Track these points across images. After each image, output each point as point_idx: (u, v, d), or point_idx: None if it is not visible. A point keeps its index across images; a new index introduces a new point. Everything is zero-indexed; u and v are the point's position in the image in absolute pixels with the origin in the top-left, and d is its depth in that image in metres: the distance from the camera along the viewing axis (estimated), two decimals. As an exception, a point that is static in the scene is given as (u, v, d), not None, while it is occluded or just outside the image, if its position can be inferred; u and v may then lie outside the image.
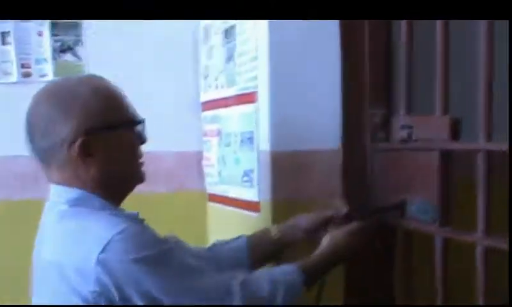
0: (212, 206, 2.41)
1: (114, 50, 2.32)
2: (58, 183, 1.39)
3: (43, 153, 1.38)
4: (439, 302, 1.62)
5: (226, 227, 2.30)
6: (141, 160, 1.48)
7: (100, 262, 1.24)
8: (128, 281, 1.26)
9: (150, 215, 2.34)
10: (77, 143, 1.33)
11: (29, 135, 1.39)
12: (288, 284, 1.44)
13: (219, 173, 2.28)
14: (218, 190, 2.31)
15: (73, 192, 1.37)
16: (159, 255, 1.31)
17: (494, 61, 1.44)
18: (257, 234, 1.75)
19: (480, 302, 1.49)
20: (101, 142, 1.36)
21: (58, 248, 1.33)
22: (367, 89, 1.87)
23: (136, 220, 1.40)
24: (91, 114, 1.35)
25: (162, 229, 2.39)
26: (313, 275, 1.52)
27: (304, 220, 1.71)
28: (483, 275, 1.49)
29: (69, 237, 1.32)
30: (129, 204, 1.51)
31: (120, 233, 1.27)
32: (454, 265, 1.64)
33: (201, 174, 2.47)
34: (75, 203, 1.36)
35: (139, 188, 1.52)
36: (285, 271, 1.48)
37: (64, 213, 1.35)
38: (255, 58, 1.92)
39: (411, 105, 1.73)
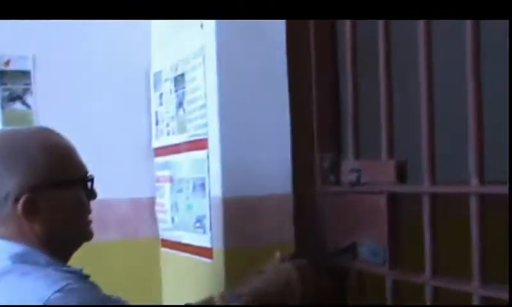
0: (166, 252, 2.40)
1: (64, 98, 2.31)
2: (1, 237, 1.36)
3: None
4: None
5: (179, 273, 2.29)
6: (89, 217, 1.47)
7: None
8: None
9: (103, 262, 2.36)
10: (22, 200, 1.32)
11: None
12: None
13: (172, 219, 2.27)
14: (171, 236, 2.31)
15: (17, 248, 1.34)
16: None
17: (434, 104, 1.49)
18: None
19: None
20: (46, 200, 1.35)
21: None
22: (316, 134, 1.90)
23: (80, 276, 1.37)
24: (37, 170, 1.34)
25: (116, 276, 2.40)
26: None
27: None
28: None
29: (8, 295, 1.28)
30: (83, 252, 1.50)
31: (59, 290, 1.23)
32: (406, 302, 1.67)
33: (154, 220, 2.46)
34: (18, 259, 1.33)
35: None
36: None
37: (5, 270, 1.31)
38: (204, 106, 1.94)
39: (360, 148, 1.77)
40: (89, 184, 1.45)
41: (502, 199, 1.30)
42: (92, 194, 1.47)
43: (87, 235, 1.47)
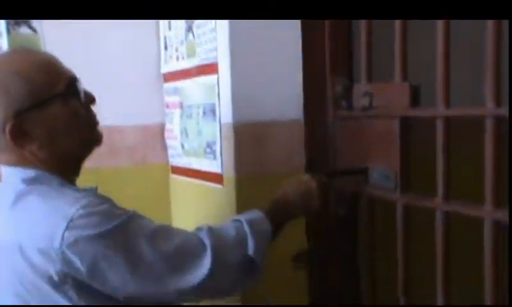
0: (175, 178, 2.40)
1: (71, 23, 2.27)
2: (9, 164, 1.35)
3: None
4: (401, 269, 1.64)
5: (189, 199, 2.30)
6: (92, 122, 1.43)
7: (65, 240, 1.21)
8: (98, 257, 1.23)
9: (113, 189, 2.32)
10: (7, 129, 1.29)
11: None
12: (254, 226, 1.44)
13: (182, 145, 2.26)
14: (181, 162, 2.30)
15: (28, 172, 1.33)
16: (125, 223, 1.28)
17: (451, 29, 1.45)
18: None
19: (440, 268, 1.52)
20: (33, 123, 1.31)
21: (17, 229, 1.29)
22: (329, 58, 1.87)
23: (96, 194, 1.36)
24: (15, 97, 1.29)
25: (125, 203, 2.39)
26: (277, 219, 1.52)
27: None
28: (442, 240, 1.52)
29: (29, 216, 1.28)
30: (93, 178, 1.50)
31: (83, 207, 1.24)
32: (416, 230, 1.67)
33: (164, 147, 2.45)
34: (32, 183, 1.32)
35: (102, 162, 1.48)
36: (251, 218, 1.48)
37: (22, 192, 1.31)
38: (214, 29, 1.90)
39: (373, 73, 1.74)
40: (80, 89, 1.39)
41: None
42: (86, 99, 1.40)
43: (93, 141, 1.43)
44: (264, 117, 1.89)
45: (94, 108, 1.45)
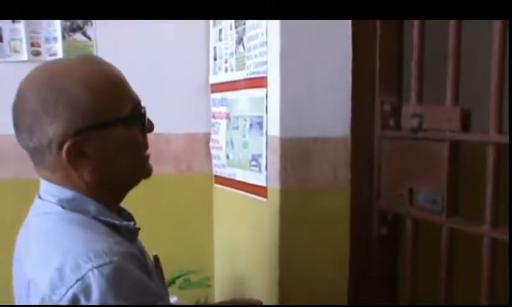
0: (219, 188, 2.41)
1: (123, 31, 2.31)
2: (50, 180, 1.22)
3: (31, 153, 1.21)
4: (443, 295, 1.62)
5: (232, 209, 2.31)
6: (146, 153, 1.29)
7: (66, 296, 1.05)
8: None
9: (158, 196, 2.39)
10: (65, 147, 1.15)
11: (16, 130, 1.20)
12: None
13: (227, 156, 2.28)
14: (225, 172, 2.32)
15: (66, 192, 1.20)
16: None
17: (506, 54, 1.43)
18: None
19: (484, 295, 1.49)
20: (93, 144, 1.17)
21: (36, 265, 1.15)
22: (378, 76, 1.86)
23: (129, 233, 1.25)
24: (79, 113, 1.15)
25: (169, 210, 2.43)
26: None
27: None
28: (489, 267, 1.49)
29: (49, 243, 1.15)
30: (139, 185, 1.42)
31: (97, 267, 1.06)
32: (460, 256, 1.64)
33: (208, 156, 2.47)
34: (68, 205, 1.20)
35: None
36: None
37: (54, 211, 1.20)
38: (265, 43, 1.91)
39: (422, 94, 1.72)
40: (141, 115, 1.25)
41: None
42: (147, 127, 1.27)
43: (144, 173, 1.29)
44: (310, 132, 1.89)
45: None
